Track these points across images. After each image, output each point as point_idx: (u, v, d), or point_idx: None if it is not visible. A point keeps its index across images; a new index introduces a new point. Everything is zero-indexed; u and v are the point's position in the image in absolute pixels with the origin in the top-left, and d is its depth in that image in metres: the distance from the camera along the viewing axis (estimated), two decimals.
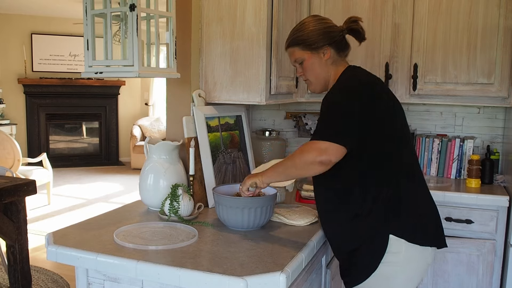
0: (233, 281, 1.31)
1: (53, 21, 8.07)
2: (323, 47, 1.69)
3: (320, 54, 1.71)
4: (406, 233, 1.57)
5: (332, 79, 1.73)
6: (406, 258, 1.58)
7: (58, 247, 1.53)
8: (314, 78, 1.75)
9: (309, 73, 1.75)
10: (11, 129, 7.50)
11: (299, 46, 1.72)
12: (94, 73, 1.79)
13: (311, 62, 1.72)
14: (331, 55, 1.71)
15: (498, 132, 2.86)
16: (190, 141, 2.07)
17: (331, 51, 1.70)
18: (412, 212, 1.60)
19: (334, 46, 1.70)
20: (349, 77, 1.68)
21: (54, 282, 3.59)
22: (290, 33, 1.76)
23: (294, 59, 1.76)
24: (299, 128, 2.95)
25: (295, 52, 1.74)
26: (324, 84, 1.76)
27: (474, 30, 2.50)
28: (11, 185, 2.65)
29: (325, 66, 1.72)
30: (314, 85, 1.78)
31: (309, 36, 1.69)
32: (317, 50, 1.70)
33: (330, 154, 1.51)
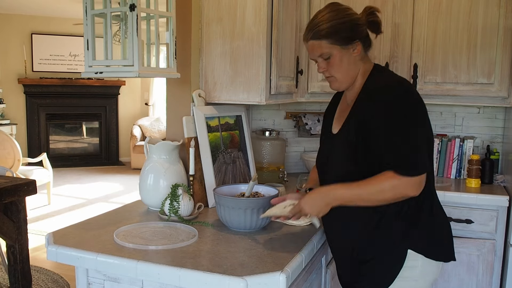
0: (233, 281, 1.31)
1: (53, 21, 8.07)
2: (354, 42, 1.53)
3: (350, 50, 1.54)
4: (424, 248, 1.50)
5: (360, 76, 1.58)
6: (421, 273, 1.52)
7: (58, 247, 1.53)
8: (342, 75, 1.57)
9: (336, 70, 1.56)
10: (11, 129, 7.50)
11: (327, 39, 1.52)
12: (94, 73, 1.79)
13: (340, 58, 1.54)
14: (360, 52, 1.56)
15: (498, 132, 2.86)
16: (190, 141, 2.07)
17: (360, 46, 1.56)
18: (430, 226, 1.53)
19: (363, 42, 1.56)
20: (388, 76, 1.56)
21: (54, 282, 3.59)
22: (313, 24, 1.55)
23: (319, 53, 1.56)
24: (299, 128, 2.95)
25: (321, 46, 1.54)
26: (351, 82, 1.59)
27: (474, 30, 2.50)
28: (11, 185, 2.65)
29: (354, 62, 1.56)
30: (339, 83, 1.59)
31: (339, 29, 1.51)
32: (347, 45, 1.53)
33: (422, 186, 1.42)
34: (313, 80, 2.59)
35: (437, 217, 1.57)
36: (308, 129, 2.88)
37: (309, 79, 2.59)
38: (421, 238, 1.50)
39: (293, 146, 2.97)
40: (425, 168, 1.42)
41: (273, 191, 1.85)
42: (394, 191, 1.41)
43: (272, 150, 2.64)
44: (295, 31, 2.42)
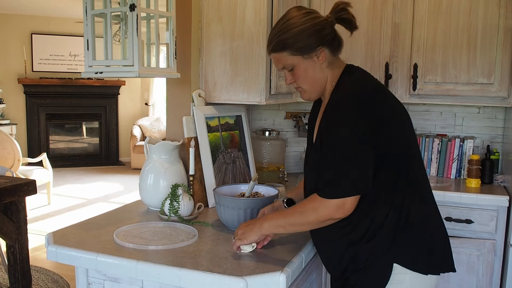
0: (233, 281, 1.31)
1: (53, 21, 8.07)
2: (316, 49, 1.43)
3: (314, 58, 1.44)
4: (411, 262, 1.40)
5: (330, 83, 1.49)
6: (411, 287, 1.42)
7: (58, 247, 1.53)
8: (309, 86, 1.49)
9: (302, 81, 1.48)
10: (11, 129, 7.50)
11: (286, 50, 1.44)
12: (94, 73, 1.79)
13: (304, 68, 1.46)
14: (326, 57, 1.45)
15: (498, 132, 2.86)
16: (190, 141, 2.07)
17: (326, 52, 1.45)
18: (420, 237, 1.42)
19: (328, 46, 1.45)
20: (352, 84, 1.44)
21: (54, 282, 3.59)
22: (272, 34, 1.47)
23: (281, 65, 1.49)
24: (299, 128, 2.95)
25: (282, 58, 1.46)
26: (320, 91, 1.51)
27: (474, 30, 2.50)
28: (11, 185, 2.65)
29: (320, 70, 1.47)
30: (308, 93, 1.51)
31: (298, 38, 1.42)
32: (309, 54, 1.44)
33: (347, 209, 1.34)
34: None
35: (428, 226, 1.45)
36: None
37: None
38: (408, 251, 1.40)
39: (293, 146, 2.97)
40: (350, 192, 1.32)
41: (273, 191, 1.85)
42: (316, 213, 1.37)
43: (272, 150, 2.64)
44: None
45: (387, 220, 1.39)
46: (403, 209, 1.40)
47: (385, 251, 1.40)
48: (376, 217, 1.40)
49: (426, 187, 1.51)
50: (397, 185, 1.40)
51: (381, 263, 1.40)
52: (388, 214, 1.39)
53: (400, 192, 1.41)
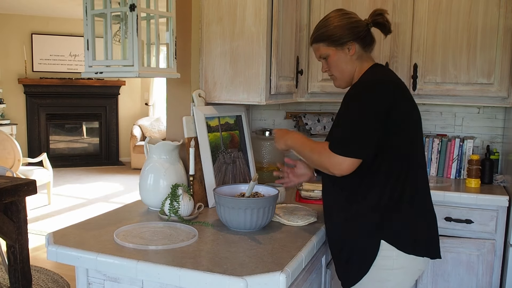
0: (233, 281, 1.31)
1: (53, 21, 8.07)
2: (348, 43, 1.68)
3: (345, 50, 1.69)
4: (398, 242, 1.57)
5: (357, 75, 1.71)
6: (398, 264, 1.59)
7: (58, 247, 1.53)
8: (339, 74, 1.74)
9: (334, 69, 1.73)
10: (11, 129, 7.50)
11: (323, 42, 1.70)
12: (94, 73, 1.79)
13: (336, 58, 1.71)
14: (356, 51, 1.69)
15: (498, 132, 2.86)
16: (190, 141, 2.07)
17: (356, 46, 1.69)
18: (408, 220, 1.59)
19: (359, 42, 1.69)
20: (374, 75, 1.66)
21: (54, 282, 3.59)
22: (315, 29, 1.74)
23: (319, 55, 1.75)
24: (299, 128, 2.95)
25: (320, 48, 1.73)
26: (349, 80, 1.74)
27: (474, 30, 2.50)
28: (11, 185, 2.65)
29: (350, 62, 1.70)
30: (339, 81, 1.76)
31: (334, 32, 1.67)
32: (341, 46, 1.69)
33: (343, 169, 1.51)
34: (313, 80, 2.59)
35: (418, 212, 1.62)
36: (308, 129, 2.88)
37: (309, 79, 2.59)
38: (396, 231, 1.57)
39: None
40: (351, 153, 1.50)
41: (273, 191, 1.85)
42: (319, 157, 1.57)
43: (272, 150, 2.64)
44: (295, 31, 2.42)
45: (381, 200, 1.57)
46: (396, 192, 1.57)
47: (375, 228, 1.57)
48: (371, 195, 1.58)
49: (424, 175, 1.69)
50: (395, 168, 1.57)
51: (370, 239, 1.58)
52: (383, 194, 1.57)
53: (397, 176, 1.57)
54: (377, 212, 1.57)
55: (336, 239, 1.69)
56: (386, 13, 1.70)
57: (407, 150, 1.60)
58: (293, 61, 2.43)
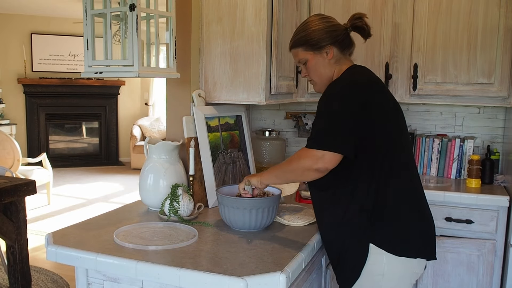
0: (233, 281, 1.31)
1: (53, 21, 8.07)
2: (326, 47, 1.67)
3: (323, 54, 1.68)
4: (386, 243, 1.53)
5: (336, 77, 1.69)
6: (389, 269, 1.54)
7: (58, 247, 1.53)
8: (318, 78, 1.73)
9: (313, 73, 1.72)
10: (11, 129, 7.50)
11: (302, 46, 1.70)
12: (94, 73, 1.79)
13: (314, 62, 1.70)
14: (334, 54, 1.68)
15: (498, 132, 2.86)
16: (190, 141, 2.06)
17: (334, 50, 1.68)
18: (398, 221, 1.55)
19: (337, 45, 1.68)
20: (350, 74, 1.65)
21: (54, 282, 3.59)
22: (294, 34, 1.74)
23: (298, 59, 1.75)
24: (299, 128, 2.95)
25: (298, 53, 1.72)
26: (327, 83, 1.71)
27: (474, 30, 2.50)
28: (11, 185, 2.65)
29: (328, 65, 1.70)
30: (318, 86, 1.75)
31: (312, 36, 1.67)
32: (319, 50, 1.68)
33: (326, 162, 1.49)
34: None
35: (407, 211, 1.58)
36: (308, 129, 2.88)
37: None
38: (384, 233, 1.54)
39: (293, 146, 2.97)
40: (329, 146, 1.48)
41: (276, 191, 1.85)
42: (299, 161, 1.55)
43: (272, 150, 2.64)
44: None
45: (366, 201, 1.54)
46: (381, 192, 1.55)
47: (362, 231, 1.55)
48: (355, 198, 1.55)
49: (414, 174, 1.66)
50: (378, 168, 1.55)
51: (359, 243, 1.55)
52: (367, 196, 1.54)
53: (381, 175, 1.55)
54: (363, 214, 1.54)
55: (327, 242, 1.68)
56: (365, 16, 1.69)
57: (388, 149, 1.57)
58: (293, 61, 2.43)
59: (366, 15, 1.70)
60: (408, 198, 1.60)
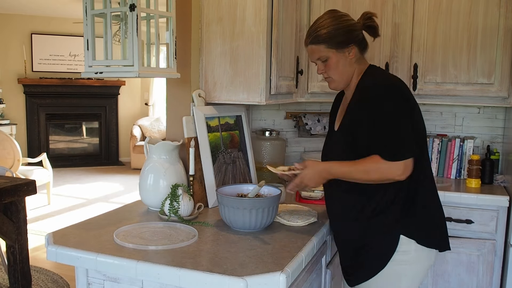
0: (233, 281, 1.31)
1: (53, 21, 8.07)
2: (349, 46, 1.68)
3: (345, 53, 1.69)
4: (417, 235, 1.61)
5: (356, 76, 1.72)
6: (415, 258, 1.63)
7: (58, 247, 1.53)
8: (338, 76, 1.72)
9: (333, 72, 1.72)
10: (11, 129, 7.50)
11: (324, 44, 1.68)
12: (94, 73, 1.79)
13: (336, 60, 1.69)
14: (355, 54, 1.70)
15: (498, 132, 2.86)
16: (190, 141, 2.07)
17: (356, 49, 1.70)
18: (424, 214, 1.64)
19: (358, 45, 1.70)
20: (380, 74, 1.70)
21: (54, 282, 3.59)
22: (312, 29, 1.72)
23: (317, 56, 1.72)
24: (299, 128, 2.95)
25: (319, 50, 1.70)
26: (347, 82, 1.74)
27: (474, 30, 2.50)
28: (11, 185, 2.65)
29: (349, 64, 1.71)
30: (336, 83, 1.75)
31: (335, 34, 1.66)
32: (342, 49, 1.68)
33: (409, 169, 1.54)
34: (313, 80, 2.59)
35: (431, 206, 1.68)
36: (308, 129, 2.88)
37: (309, 79, 2.59)
38: (414, 225, 1.62)
39: (293, 146, 2.97)
40: (409, 154, 1.53)
41: (276, 191, 1.85)
42: (380, 173, 1.55)
43: (272, 150, 2.64)
44: (295, 31, 2.42)
45: (398, 195, 1.60)
46: (413, 187, 1.61)
47: (394, 223, 1.60)
48: (389, 191, 1.60)
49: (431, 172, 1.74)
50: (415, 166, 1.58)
51: (390, 234, 1.61)
52: (400, 189, 1.59)
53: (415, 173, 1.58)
54: (396, 207, 1.60)
55: (351, 239, 1.71)
56: (374, 16, 1.72)
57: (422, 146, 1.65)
58: (293, 61, 2.43)
59: (376, 14, 1.72)
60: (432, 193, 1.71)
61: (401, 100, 1.57)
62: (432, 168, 2.82)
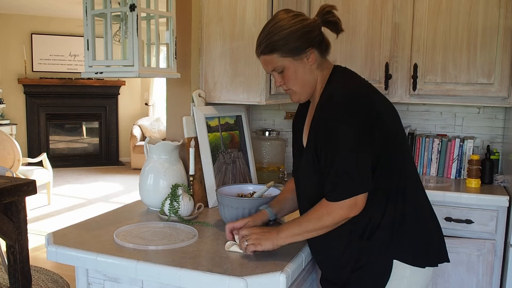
0: (233, 281, 1.31)
1: (53, 21, 8.07)
2: (306, 51, 1.45)
3: (304, 59, 1.46)
4: (410, 257, 1.43)
5: (319, 84, 1.50)
6: (411, 282, 1.45)
7: (58, 247, 1.53)
8: (299, 87, 1.50)
9: (292, 82, 1.49)
10: (11, 129, 7.50)
11: (277, 52, 1.45)
12: (94, 73, 1.79)
13: (294, 70, 1.47)
14: (315, 58, 1.47)
15: (498, 132, 2.86)
16: (190, 141, 2.07)
17: (315, 53, 1.47)
18: (416, 232, 1.46)
19: (317, 47, 1.47)
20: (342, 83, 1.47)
21: (54, 282, 3.59)
22: (261, 36, 1.49)
23: (272, 68, 1.49)
24: None
25: (272, 60, 1.47)
26: (310, 92, 1.52)
27: (474, 30, 2.50)
28: (11, 185, 2.65)
29: (310, 71, 1.48)
30: (298, 95, 1.52)
31: (288, 40, 1.43)
32: (299, 55, 1.45)
33: (359, 206, 1.36)
34: None
35: (423, 223, 1.49)
36: None
37: None
38: (406, 247, 1.44)
39: None
40: (358, 190, 1.35)
41: (275, 191, 1.85)
42: (332, 216, 1.38)
43: (272, 150, 2.64)
44: None
45: (384, 217, 1.42)
46: (399, 206, 1.43)
47: (384, 248, 1.42)
48: (374, 214, 1.42)
49: (419, 182, 1.55)
50: (392, 182, 1.44)
51: (381, 260, 1.42)
52: (385, 211, 1.42)
53: (395, 189, 1.44)
54: (383, 231, 1.42)
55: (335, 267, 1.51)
56: (334, 9, 1.48)
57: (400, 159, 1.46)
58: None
59: (336, 7, 1.48)
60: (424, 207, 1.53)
61: (362, 116, 1.35)
62: (432, 168, 2.82)
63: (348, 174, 1.35)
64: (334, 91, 1.43)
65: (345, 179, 1.35)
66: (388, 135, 1.43)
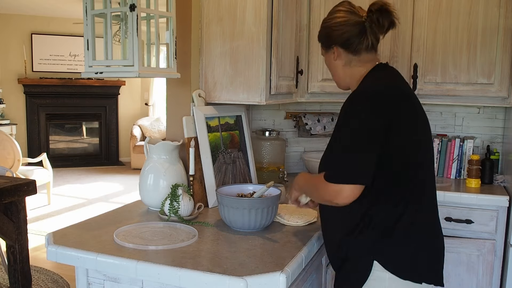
0: (233, 281, 1.31)
1: (53, 21, 8.07)
2: (331, 47, 1.54)
3: (331, 54, 1.56)
4: (391, 264, 1.41)
5: (354, 80, 1.54)
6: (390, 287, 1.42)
7: (58, 247, 1.53)
8: (332, 76, 1.64)
9: (330, 71, 1.64)
10: (11, 129, 7.50)
11: (319, 40, 1.61)
12: (94, 73, 1.79)
13: (328, 60, 1.61)
14: (342, 57, 1.52)
15: (498, 132, 2.86)
16: (190, 141, 2.07)
17: (341, 51, 1.52)
18: (405, 243, 1.43)
19: (341, 46, 1.51)
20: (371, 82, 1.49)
21: (54, 282, 3.59)
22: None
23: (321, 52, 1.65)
24: (299, 128, 2.95)
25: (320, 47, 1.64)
26: (344, 84, 1.61)
27: (474, 30, 2.50)
28: (11, 185, 2.65)
29: (336, 66, 1.57)
30: (337, 84, 1.64)
31: (320, 34, 1.58)
32: (327, 50, 1.58)
33: (345, 196, 1.35)
34: (313, 80, 2.59)
35: (421, 236, 1.45)
36: (308, 129, 2.88)
37: (309, 79, 2.59)
38: (390, 253, 1.42)
39: (293, 146, 2.97)
40: (346, 179, 1.35)
41: (276, 191, 1.85)
42: (318, 192, 1.45)
43: (272, 150, 2.64)
44: (295, 31, 2.42)
45: (378, 219, 1.43)
46: (395, 213, 1.43)
47: (369, 248, 1.43)
48: (369, 214, 1.43)
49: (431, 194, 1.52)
50: (395, 189, 1.43)
51: (364, 258, 1.44)
52: (380, 214, 1.43)
53: (397, 196, 1.43)
54: (375, 230, 1.42)
55: (331, 251, 1.57)
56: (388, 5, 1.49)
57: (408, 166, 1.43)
58: (293, 61, 2.43)
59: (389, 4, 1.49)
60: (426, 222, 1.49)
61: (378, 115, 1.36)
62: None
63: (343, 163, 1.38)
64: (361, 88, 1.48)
65: (339, 165, 1.39)
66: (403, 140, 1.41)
